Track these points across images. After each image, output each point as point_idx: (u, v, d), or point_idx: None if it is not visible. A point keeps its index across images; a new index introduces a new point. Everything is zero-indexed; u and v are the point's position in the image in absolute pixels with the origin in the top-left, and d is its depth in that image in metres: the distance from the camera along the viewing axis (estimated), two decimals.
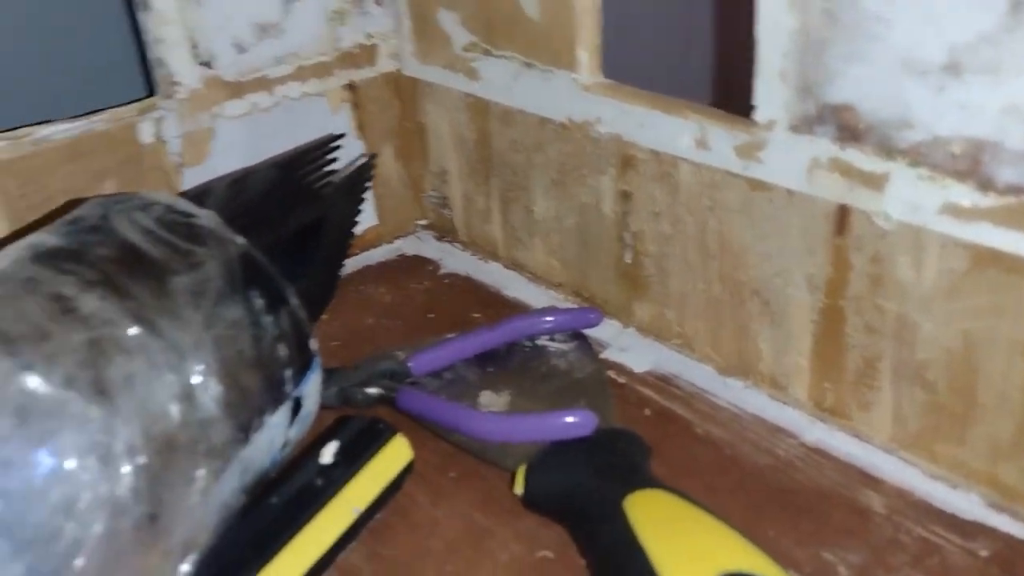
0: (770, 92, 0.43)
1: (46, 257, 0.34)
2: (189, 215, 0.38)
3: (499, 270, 0.62)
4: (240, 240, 0.38)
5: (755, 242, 0.46)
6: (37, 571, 0.27)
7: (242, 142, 0.57)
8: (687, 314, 0.51)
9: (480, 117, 0.59)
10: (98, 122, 0.52)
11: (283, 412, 0.38)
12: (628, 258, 0.53)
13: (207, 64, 0.54)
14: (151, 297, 0.33)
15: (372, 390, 0.48)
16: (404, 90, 0.64)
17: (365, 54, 0.61)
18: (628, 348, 0.53)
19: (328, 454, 0.41)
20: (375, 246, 0.66)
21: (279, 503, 0.38)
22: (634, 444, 0.42)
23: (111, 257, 0.34)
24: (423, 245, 0.67)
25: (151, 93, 0.55)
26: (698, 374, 0.51)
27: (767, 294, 0.47)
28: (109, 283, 0.33)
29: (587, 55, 0.51)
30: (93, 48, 0.58)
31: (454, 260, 0.64)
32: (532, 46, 0.53)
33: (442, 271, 0.63)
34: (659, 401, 0.49)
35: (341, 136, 0.55)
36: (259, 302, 0.37)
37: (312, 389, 0.40)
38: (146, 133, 0.53)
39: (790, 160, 0.43)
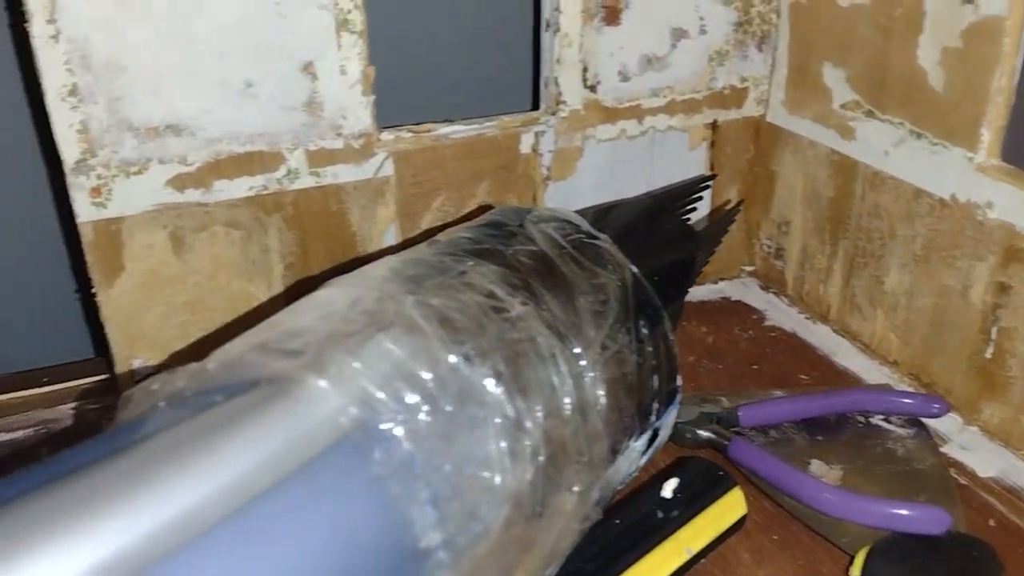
0: None
1: (476, 255, 0.37)
2: (593, 237, 0.40)
3: (828, 334, 0.60)
4: (633, 268, 0.40)
5: None
6: (451, 545, 0.29)
7: (603, 165, 0.59)
8: None
9: (843, 176, 0.58)
10: (489, 128, 0.56)
11: (644, 440, 0.39)
12: (988, 353, 0.50)
13: (592, 88, 0.57)
14: (562, 311, 0.36)
15: (703, 432, 0.48)
16: (763, 136, 0.64)
17: (734, 96, 0.62)
18: (971, 448, 0.50)
19: (669, 489, 0.41)
20: (699, 284, 0.66)
21: (622, 525, 0.39)
22: (987, 556, 0.40)
23: (530, 266, 0.37)
24: (747, 291, 0.66)
25: (535, 107, 0.58)
26: None
27: None
28: (530, 290, 0.35)
29: (989, 135, 0.48)
30: (493, 60, 0.62)
31: (779, 314, 0.63)
32: (926, 116, 0.51)
33: (767, 322, 0.62)
34: (1005, 513, 0.45)
35: (713, 177, 0.56)
36: (644, 331, 0.38)
37: (669, 422, 0.41)
38: (526, 144, 0.57)
39: None
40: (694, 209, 0.54)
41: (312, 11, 0.48)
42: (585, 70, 0.56)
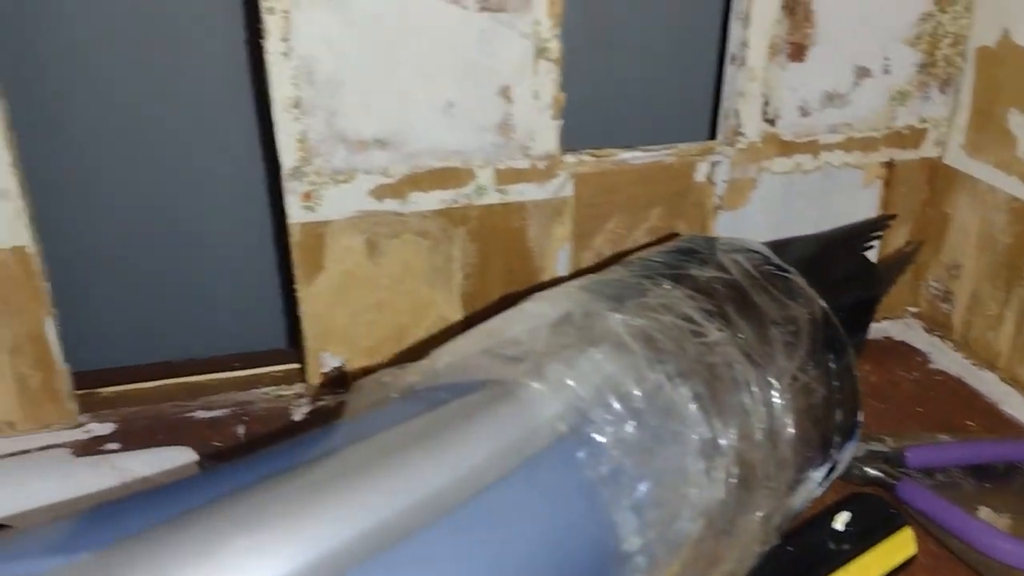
0: None
1: (671, 279, 0.39)
2: (783, 269, 0.41)
3: (996, 382, 0.59)
4: (823, 303, 0.41)
5: None
6: (648, 553, 0.31)
7: (776, 197, 0.60)
8: None
9: (1023, 223, 0.57)
10: (667, 155, 0.58)
11: (822, 471, 0.40)
12: None
13: (770, 121, 0.58)
14: (756, 339, 0.37)
15: (870, 470, 0.48)
16: (938, 178, 0.63)
17: (912, 136, 0.62)
18: None
19: (840, 522, 0.42)
20: None
21: (795, 553, 0.40)
22: None
23: (724, 293, 0.38)
24: (910, 333, 0.65)
25: (712, 137, 0.60)
26: None
27: None
28: (725, 317, 0.37)
29: None
30: (672, 87, 0.64)
31: (944, 357, 0.62)
32: None
33: (931, 365, 0.62)
34: None
35: (892, 217, 0.56)
36: (832, 365, 0.39)
37: (846, 456, 0.42)
38: (700, 173, 0.58)
39: None
40: (872, 247, 0.54)
41: (514, 39, 0.52)
42: (766, 103, 0.58)
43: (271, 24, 0.48)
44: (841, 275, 0.48)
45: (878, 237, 0.55)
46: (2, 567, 0.26)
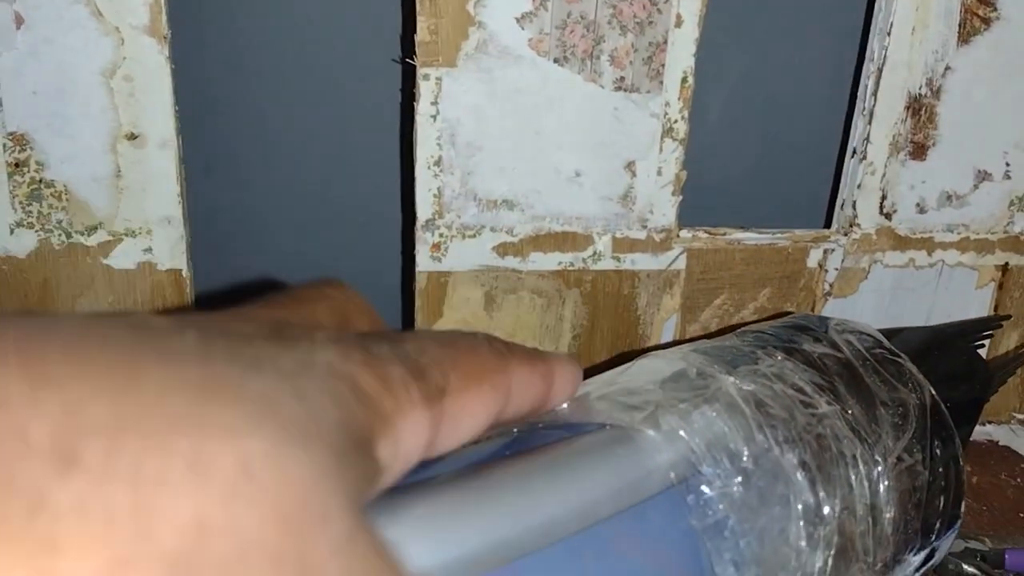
0: None
1: (784, 351, 0.40)
2: (895, 354, 0.42)
3: None
4: (932, 391, 0.41)
5: None
6: None
7: (886, 289, 0.61)
8: None
9: None
10: (781, 238, 0.59)
11: (920, 556, 0.40)
12: None
13: (887, 216, 0.60)
14: (864, 417, 0.38)
15: (967, 566, 0.48)
16: None
17: None
18: None
19: None
20: None
21: None
22: None
23: (835, 370, 0.40)
24: (1016, 439, 0.64)
25: (827, 225, 0.61)
26: None
27: None
28: (835, 392, 0.38)
29: None
30: (793, 174, 0.67)
31: None
32: None
33: None
34: None
35: (1007, 318, 0.57)
36: (937, 452, 0.40)
37: (945, 545, 0.42)
38: (813, 259, 0.60)
39: None
40: (983, 346, 0.54)
41: (644, 118, 0.55)
42: (883, 198, 0.59)
43: (424, 89, 0.52)
44: (950, 369, 0.48)
45: (989, 336, 0.55)
46: None
